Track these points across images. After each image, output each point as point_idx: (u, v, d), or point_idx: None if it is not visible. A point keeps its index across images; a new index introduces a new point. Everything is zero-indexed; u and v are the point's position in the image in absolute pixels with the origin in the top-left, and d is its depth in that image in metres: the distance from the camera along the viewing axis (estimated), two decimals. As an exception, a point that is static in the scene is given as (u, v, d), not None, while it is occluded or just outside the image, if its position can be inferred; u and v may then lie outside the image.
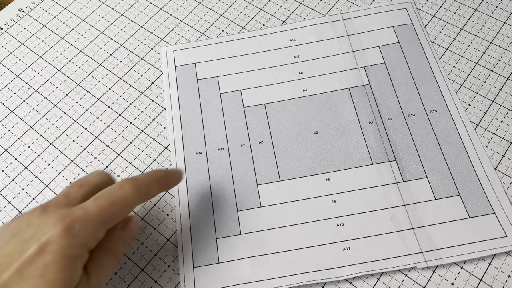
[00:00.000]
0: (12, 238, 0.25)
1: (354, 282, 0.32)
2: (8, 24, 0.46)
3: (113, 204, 0.27)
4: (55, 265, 0.24)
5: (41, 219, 0.26)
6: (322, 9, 0.44)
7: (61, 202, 0.27)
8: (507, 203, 0.34)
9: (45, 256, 0.24)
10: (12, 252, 0.24)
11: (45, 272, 0.24)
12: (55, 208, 0.26)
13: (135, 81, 0.42)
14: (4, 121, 0.41)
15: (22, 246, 0.25)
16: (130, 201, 0.27)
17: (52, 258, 0.24)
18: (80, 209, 0.26)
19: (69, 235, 0.25)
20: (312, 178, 0.36)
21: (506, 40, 0.41)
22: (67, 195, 0.28)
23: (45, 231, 0.25)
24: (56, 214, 0.26)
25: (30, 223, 0.26)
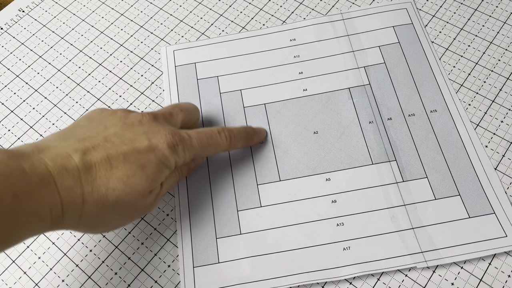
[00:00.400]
0: (124, 125, 0.29)
1: (354, 282, 0.32)
2: (8, 24, 0.46)
3: (209, 144, 0.32)
4: (154, 165, 0.28)
5: (152, 124, 0.30)
6: (322, 9, 0.44)
7: (167, 117, 0.32)
8: (507, 203, 0.34)
9: (150, 154, 0.28)
10: (123, 137, 0.28)
11: (145, 166, 0.28)
12: (163, 121, 0.31)
13: (135, 81, 0.42)
14: (4, 121, 0.41)
15: (134, 136, 0.29)
16: (221, 147, 0.33)
17: (155, 158, 0.28)
18: (186, 135, 0.31)
19: (172, 149, 0.29)
20: (312, 178, 0.36)
21: (506, 40, 0.41)
22: (171, 114, 0.33)
23: (156, 135, 0.29)
24: (167, 127, 0.30)
25: (142, 122, 0.30)
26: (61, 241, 0.35)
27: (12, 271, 0.34)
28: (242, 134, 0.35)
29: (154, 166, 0.28)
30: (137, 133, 0.29)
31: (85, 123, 0.29)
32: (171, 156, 0.29)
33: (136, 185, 0.27)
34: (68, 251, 0.35)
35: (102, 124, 0.29)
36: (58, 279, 0.34)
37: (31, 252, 0.35)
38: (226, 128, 0.33)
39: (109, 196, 0.26)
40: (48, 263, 0.34)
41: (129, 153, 0.27)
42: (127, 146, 0.28)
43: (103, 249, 0.35)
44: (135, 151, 0.28)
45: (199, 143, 0.31)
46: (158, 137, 0.29)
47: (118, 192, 0.27)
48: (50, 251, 0.35)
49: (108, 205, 0.26)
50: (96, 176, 0.26)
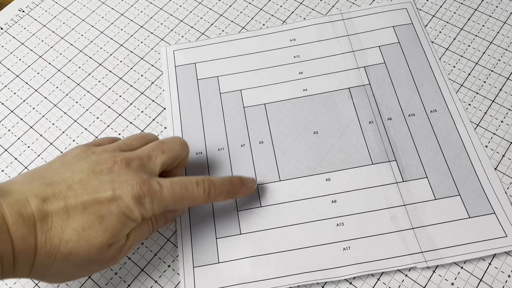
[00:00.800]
0: (91, 172, 0.28)
1: (354, 282, 0.32)
2: (8, 24, 0.46)
3: (183, 197, 0.29)
4: (115, 217, 0.27)
5: (122, 172, 0.28)
6: (322, 9, 0.44)
7: (143, 162, 0.29)
8: (507, 203, 0.34)
9: (112, 205, 0.27)
10: (88, 185, 0.27)
11: (105, 218, 0.26)
12: (138, 167, 0.29)
13: (135, 81, 0.42)
14: (4, 121, 0.41)
15: (99, 184, 0.27)
16: (197, 201, 0.30)
17: (117, 210, 0.27)
18: (158, 185, 0.28)
19: (138, 201, 0.27)
20: (312, 178, 0.36)
21: (506, 40, 0.41)
22: (150, 157, 0.30)
23: (122, 186, 0.27)
24: (137, 176, 0.28)
25: (112, 170, 0.28)
26: (61, 241, 0.35)
27: (12, 271, 0.34)
28: (225, 187, 0.32)
29: (115, 218, 0.26)
30: (103, 181, 0.27)
31: (57, 166, 0.29)
32: (136, 208, 0.27)
33: (91, 238, 0.26)
34: (68, 251, 0.35)
35: (71, 170, 0.28)
36: (58, 279, 0.34)
37: (31, 252, 0.35)
38: (208, 179, 0.30)
39: (61, 248, 0.25)
40: (48, 263, 0.34)
41: (89, 203, 0.26)
42: (88, 195, 0.26)
43: (103, 249, 0.35)
44: (96, 201, 0.26)
45: (171, 196, 0.28)
46: (124, 187, 0.27)
47: (72, 244, 0.25)
48: (50, 251, 0.35)
49: (60, 257, 0.25)
50: (51, 226, 0.25)
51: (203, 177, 0.30)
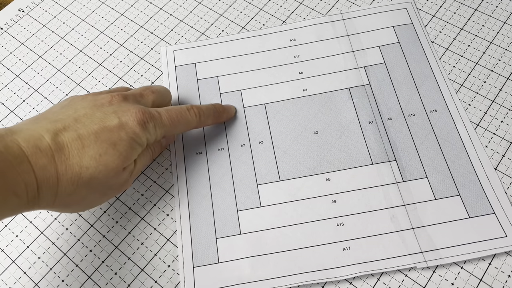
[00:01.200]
0: (93, 107, 0.30)
1: (354, 282, 0.32)
2: (8, 24, 0.46)
3: (179, 120, 0.33)
4: (126, 142, 0.29)
5: (122, 103, 0.31)
6: (322, 9, 0.44)
7: (137, 98, 0.33)
8: (507, 203, 0.34)
9: (121, 132, 0.29)
10: (93, 117, 0.29)
11: (117, 143, 0.29)
12: (134, 101, 0.32)
13: (135, 81, 0.42)
14: (4, 121, 0.41)
15: (104, 115, 0.29)
16: (191, 124, 0.34)
17: (126, 136, 0.29)
18: (156, 112, 0.31)
19: (143, 126, 0.30)
20: (312, 178, 0.36)
21: (506, 40, 0.41)
22: (142, 95, 0.33)
23: (126, 113, 0.30)
24: (137, 106, 0.31)
25: (111, 102, 0.30)
26: (61, 241, 0.35)
27: (12, 271, 0.34)
28: (211, 111, 0.36)
29: (126, 144, 0.29)
30: (107, 112, 0.29)
31: (57, 109, 0.30)
32: (142, 133, 0.30)
33: (108, 163, 0.28)
34: (68, 251, 0.35)
35: (73, 108, 0.30)
36: (58, 279, 0.34)
37: (31, 252, 0.35)
38: (195, 106, 0.34)
39: (82, 174, 0.27)
40: (48, 263, 0.34)
41: (100, 131, 0.28)
42: (97, 125, 0.28)
43: (103, 249, 0.35)
44: (106, 129, 0.28)
45: (169, 120, 0.32)
46: (128, 115, 0.30)
47: (92, 170, 0.27)
48: (50, 251, 0.35)
49: (82, 183, 0.27)
50: (69, 155, 0.27)
51: (191, 104, 0.35)
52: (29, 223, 0.36)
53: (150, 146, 0.34)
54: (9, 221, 0.36)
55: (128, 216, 0.36)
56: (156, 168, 0.38)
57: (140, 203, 0.36)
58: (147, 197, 0.36)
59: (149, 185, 0.37)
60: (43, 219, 0.36)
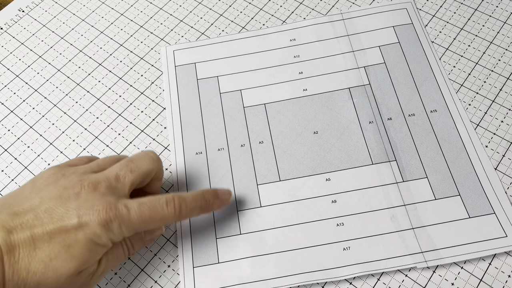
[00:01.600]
0: (59, 199, 0.27)
1: (354, 282, 0.32)
2: (8, 24, 0.46)
3: (152, 218, 0.28)
4: (82, 244, 0.26)
5: (89, 197, 0.28)
6: (322, 9, 0.44)
7: (112, 184, 0.29)
8: (507, 203, 0.34)
9: (79, 233, 0.26)
10: (54, 213, 0.27)
11: (72, 246, 0.26)
12: (105, 190, 0.28)
13: (135, 81, 0.42)
14: (4, 121, 0.41)
15: (65, 212, 0.27)
16: (169, 221, 0.29)
17: (84, 237, 0.26)
18: (125, 208, 0.28)
19: (105, 227, 0.27)
20: (312, 178, 0.36)
21: (506, 40, 0.41)
22: (117, 178, 0.29)
23: (88, 212, 0.27)
24: (103, 200, 0.27)
25: (79, 195, 0.28)
26: (61, 241, 0.35)
27: (12, 271, 0.34)
28: (198, 203, 0.31)
29: (82, 246, 0.26)
30: (69, 208, 0.27)
31: (27, 191, 0.28)
32: (104, 233, 0.27)
33: (58, 268, 0.26)
34: (68, 251, 0.35)
35: (39, 196, 0.28)
36: (58, 279, 0.34)
37: (31, 252, 0.35)
38: (178, 196, 0.29)
39: (29, 280, 0.25)
40: (48, 263, 0.34)
41: (55, 232, 0.26)
42: (54, 224, 0.26)
43: (103, 249, 0.35)
44: (61, 230, 0.26)
45: (139, 218, 0.28)
46: (90, 214, 0.27)
47: (39, 276, 0.25)
48: (50, 251, 0.35)
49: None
50: (18, 257, 0.25)
51: (173, 194, 0.29)
52: (29, 223, 0.36)
53: (123, 243, 0.30)
54: (9, 221, 0.36)
55: (128, 216, 0.36)
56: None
57: (140, 203, 0.36)
58: (147, 197, 0.36)
59: (149, 185, 0.37)
60: (43, 219, 0.36)
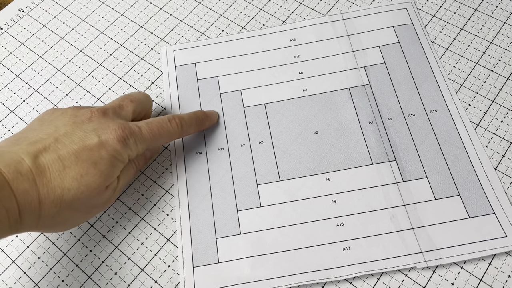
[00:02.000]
0: (73, 124, 0.30)
1: (354, 282, 0.32)
2: (8, 24, 0.46)
3: (160, 133, 0.32)
4: (106, 160, 0.29)
5: (101, 120, 0.30)
6: (322, 9, 0.44)
7: (117, 111, 0.32)
8: (507, 203, 0.34)
9: (102, 150, 0.29)
10: (73, 136, 0.29)
11: (98, 163, 0.28)
12: (113, 115, 0.32)
13: (135, 81, 0.42)
14: (4, 121, 0.41)
15: (84, 134, 0.29)
16: (173, 135, 0.34)
17: (107, 154, 0.29)
18: (136, 127, 0.31)
19: (123, 143, 0.30)
20: (312, 178, 0.36)
21: (506, 40, 0.41)
22: (121, 106, 0.33)
23: (106, 131, 0.30)
24: (116, 122, 0.31)
25: (91, 119, 0.30)
26: (61, 241, 0.35)
27: (12, 271, 0.34)
28: (193, 120, 0.35)
29: (107, 162, 0.29)
30: (87, 130, 0.29)
31: (37, 126, 0.30)
32: (123, 150, 0.30)
33: (90, 183, 0.28)
34: (68, 251, 0.35)
35: (53, 125, 0.30)
36: (58, 279, 0.34)
37: (31, 252, 0.35)
38: (177, 115, 0.34)
39: (65, 196, 0.27)
40: (48, 263, 0.34)
41: (80, 151, 0.28)
42: (77, 145, 0.28)
43: (103, 249, 0.35)
44: (86, 149, 0.28)
45: (149, 133, 0.32)
46: (108, 133, 0.29)
47: (74, 192, 0.27)
48: (50, 251, 0.35)
49: (65, 204, 0.27)
50: (50, 177, 0.27)
51: (172, 114, 0.34)
52: (29, 223, 0.36)
53: (133, 161, 0.33)
54: (9, 221, 0.36)
55: (128, 216, 0.36)
56: (156, 168, 0.38)
57: (140, 203, 0.36)
58: (147, 197, 0.36)
59: (149, 185, 0.37)
60: (43, 219, 0.36)
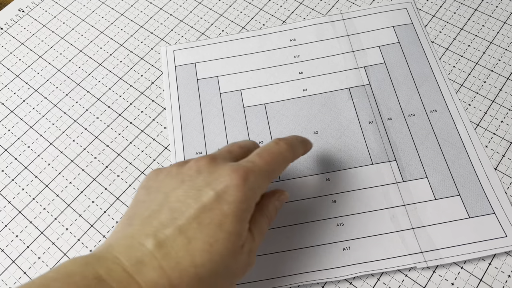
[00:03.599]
0: (182, 184, 0.25)
1: (354, 282, 0.32)
2: (8, 24, 0.46)
3: (274, 158, 0.27)
4: (231, 217, 0.24)
5: (211, 168, 0.26)
6: (322, 9, 0.44)
7: (226, 156, 0.28)
8: (507, 203, 0.34)
9: (223, 205, 0.24)
10: (186, 198, 0.24)
11: (223, 223, 0.24)
12: (222, 160, 0.27)
13: (135, 81, 0.42)
14: (4, 121, 0.41)
15: (197, 192, 0.25)
16: (287, 157, 0.29)
17: (229, 209, 0.24)
18: (249, 162, 0.26)
19: (245, 185, 0.25)
20: (312, 178, 0.36)
21: (506, 40, 0.41)
22: (230, 151, 0.29)
23: (220, 180, 0.25)
24: (228, 165, 0.26)
25: (199, 170, 0.26)
26: (61, 241, 0.35)
27: (12, 271, 0.34)
28: (295, 140, 0.30)
29: (232, 219, 0.24)
30: (199, 187, 0.25)
31: (144, 196, 0.26)
32: (246, 192, 0.25)
33: (221, 250, 0.23)
34: (68, 251, 0.35)
35: (161, 192, 0.26)
36: (58, 279, 0.34)
37: (31, 252, 0.35)
38: (280, 138, 0.29)
39: (200, 275, 0.23)
40: (48, 263, 0.34)
41: (200, 215, 0.24)
42: (194, 208, 0.24)
43: (103, 249, 0.35)
44: (205, 209, 0.24)
45: (265, 163, 0.27)
46: (222, 182, 0.25)
47: (208, 266, 0.23)
48: (50, 251, 0.35)
49: (203, 285, 0.23)
50: (177, 257, 0.23)
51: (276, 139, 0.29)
52: (29, 223, 0.36)
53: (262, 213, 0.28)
54: (9, 221, 0.36)
55: (128, 216, 0.36)
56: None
57: (140, 203, 0.36)
58: (147, 197, 0.36)
59: (149, 185, 0.37)
60: (43, 219, 0.36)
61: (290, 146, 0.29)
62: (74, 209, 0.36)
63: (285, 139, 0.29)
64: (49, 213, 0.36)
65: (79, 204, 0.37)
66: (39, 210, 0.37)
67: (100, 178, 0.37)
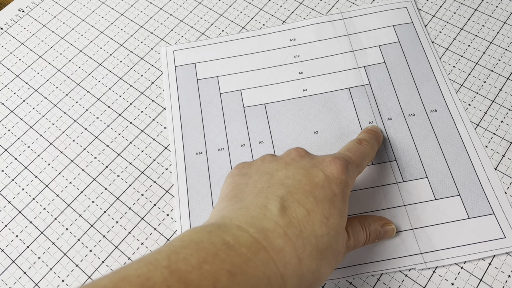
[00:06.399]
0: (287, 165, 0.26)
1: (354, 282, 0.32)
2: (8, 24, 0.46)
3: (362, 155, 0.30)
4: (340, 196, 0.26)
5: (311, 155, 0.28)
6: (322, 8, 0.44)
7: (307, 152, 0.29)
8: (506, 203, 0.34)
9: (332, 185, 0.26)
10: (296, 175, 0.25)
11: (334, 200, 0.25)
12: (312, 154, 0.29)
13: (135, 81, 0.42)
14: (4, 121, 0.41)
15: (306, 172, 0.26)
16: (371, 154, 0.32)
17: (337, 189, 0.26)
18: (344, 155, 0.28)
19: (346, 172, 0.27)
20: (312, 178, 0.36)
21: (506, 40, 0.41)
22: None
23: (325, 164, 0.26)
24: (325, 155, 0.28)
25: (301, 155, 0.27)
26: (61, 241, 0.35)
27: (12, 271, 0.34)
28: (374, 139, 0.33)
29: (340, 198, 0.25)
30: (307, 167, 0.26)
31: (245, 179, 0.27)
32: (347, 178, 0.26)
33: (335, 225, 0.25)
34: (68, 251, 0.35)
35: (265, 173, 0.26)
36: (58, 279, 0.34)
37: (31, 252, 0.35)
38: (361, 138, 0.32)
39: (319, 246, 0.23)
40: (48, 263, 0.34)
41: (314, 191, 0.25)
42: (307, 184, 0.25)
43: (103, 249, 0.35)
44: (317, 186, 0.25)
45: (355, 157, 0.29)
46: (328, 165, 0.26)
47: (326, 239, 0.24)
48: (50, 251, 0.35)
49: (321, 256, 0.24)
50: (299, 226, 0.23)
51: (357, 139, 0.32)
52: (29, 223, 0.36)
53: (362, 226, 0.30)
54: (9, 221, 0.36)
55: (128, 216, 0.36)
56: (156, 168, 0.38)
57: (140, 203, 0.36)
58: (147, 197, 0.36)
59: (149, 185, 0.37)
60: (43, 219, 0.36)
61: (372, 145, 0.32)
62: (74, 209, 0.36)
63: (366, 140, 0.32)
64: (49, 213, 0.36)
65: (79, 204, 0.37)
66: (39, 210, 0.37)
67: (100, 178, 0.37)
